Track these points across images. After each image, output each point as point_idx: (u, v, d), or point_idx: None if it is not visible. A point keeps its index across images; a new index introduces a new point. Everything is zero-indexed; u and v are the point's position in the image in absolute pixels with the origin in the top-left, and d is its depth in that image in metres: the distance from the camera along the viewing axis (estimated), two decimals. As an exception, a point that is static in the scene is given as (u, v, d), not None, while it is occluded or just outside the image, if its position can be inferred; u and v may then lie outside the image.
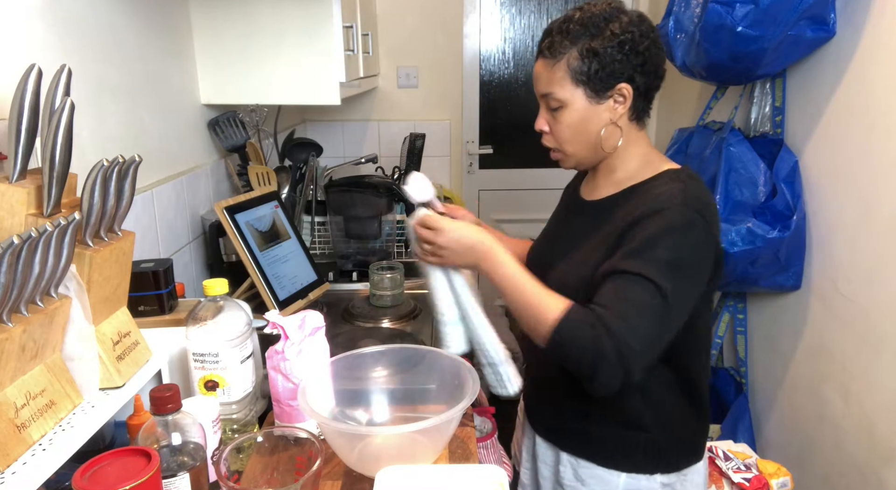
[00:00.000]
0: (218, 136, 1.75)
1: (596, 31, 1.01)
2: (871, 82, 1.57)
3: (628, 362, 0.93)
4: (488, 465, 0.84)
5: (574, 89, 1.03)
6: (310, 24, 1.65)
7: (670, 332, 0.98)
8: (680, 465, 1.12)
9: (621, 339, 0.92)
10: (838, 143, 1.69)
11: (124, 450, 0.70)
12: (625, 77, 1.02)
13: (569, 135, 1.08)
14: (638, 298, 0.95)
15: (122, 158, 0.78)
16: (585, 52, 1.01)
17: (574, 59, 1.02)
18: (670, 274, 0.95)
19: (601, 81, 1.02)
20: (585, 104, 1.04)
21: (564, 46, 1.02)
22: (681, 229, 0.97)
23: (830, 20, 1.66)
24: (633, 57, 1.01)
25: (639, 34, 1.01)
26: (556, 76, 1.04)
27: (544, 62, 1.06)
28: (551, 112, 1.08)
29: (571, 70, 1.02)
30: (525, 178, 3.16)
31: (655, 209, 0.99)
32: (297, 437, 0.85)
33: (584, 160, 1.11)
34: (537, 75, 1.08)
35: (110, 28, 1.25)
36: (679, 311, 0.98)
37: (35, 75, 0.74)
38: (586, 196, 1.18)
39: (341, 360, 1.02)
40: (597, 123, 1.05)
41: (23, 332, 0.68)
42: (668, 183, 1.04)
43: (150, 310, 1.09)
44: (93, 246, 0.79)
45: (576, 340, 0.95)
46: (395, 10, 2.87)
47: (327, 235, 1.99)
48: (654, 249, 0.96)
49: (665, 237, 0.96)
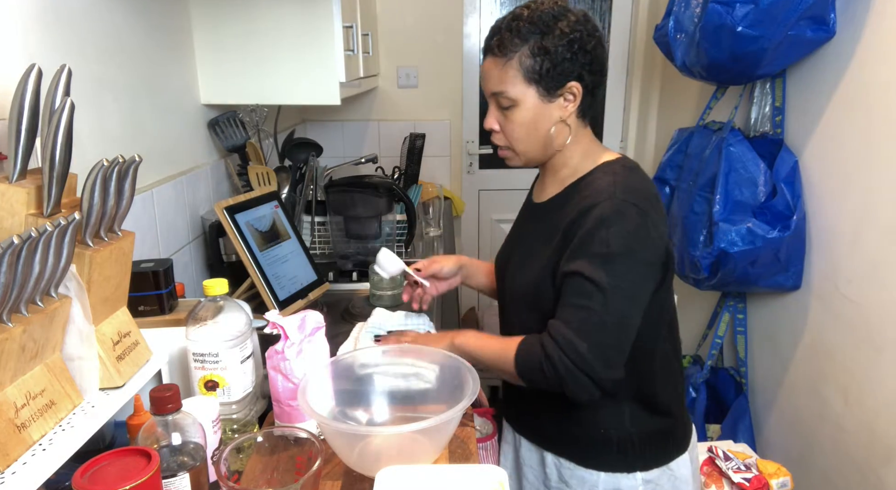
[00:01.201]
0: (218, 136, 1.75)
1: (546, 29, 1.01)
2: (871, 82, 1.57)
3: (585, 367, 0.94)
4: (488, 465, 0.84)
5: (526, 88, 1.03)
6: (310, 24, 1.65)
7: (622, 325, 0.98)
8: (660, 460, 1.12)
9: (568, 348, 0.95)
10: (838, 143, 1.69)
11: (124, 450, 0.70)
12: (574, 75, 1.02)
13: (520, 133, 1.08)
14: (577, 300, 0.97)
15: (122, 158, 0.78)
16: (537, 51, 1.00)
17: (525, 57, 1.01)
18: (605, 267, 0.96)
19: (552, 80, 1.02)
20: (537, 103, 1.04)
21: (515, 44, 1.01)
22: (611, 220, 0.97)
23: (830, 20, 1.66)
24: (581, 55, 1.01)
25: (586, 33, 1.02)
26: (508, 75, 1.03)
27: (494, 60, 1.04)
28: (502, 110, 1.07)
29: (524, 68, 1.02)
30: (525, 178, 3.15)
31: (589, 205, 1.00)
32: (297, 437, 0.85)
33: (533, 158, 1.12)
34: (486, 74, 1.07)
35: (110, 28, 1.25)
36: (624, 302, 0.97)
37: (35, 75, 0.74)
38: (536, 198, 1.19)
39: (341, 360, 1.02)
40: (547, 122, 1.06)
41: (23, 332, 0.68)
42: (601, 177, 1.05)
43: (150, 310, 1.09)
44: (93, 246, 0.79)
45: (532, 369, 0.99)
46: (395, 10, 2.87)
47: (327, 235, 1.99)
48: (588, 246, 0.97)
49: (597, 231, 0.97)
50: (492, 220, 3.25)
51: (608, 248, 0.96)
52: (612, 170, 1.06)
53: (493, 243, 3.26)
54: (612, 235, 0.97)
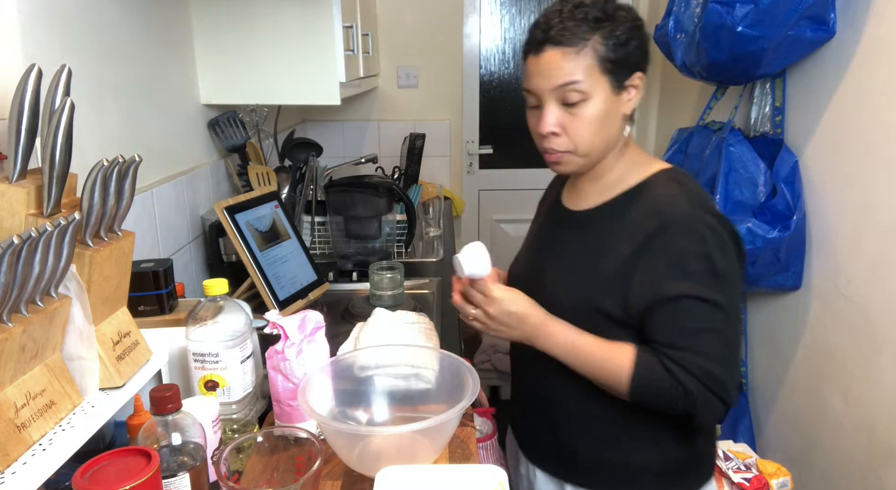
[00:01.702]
0: (218, 136, 1.75)
1: (613, 15, 0.94)
2: (871, 82, 1.57)
3: (720, 393, 0.90)
4: (488, 466, 0.84)
5: (600, 78, 0.94)
6: (310, 24, 1.65)
7: (739, 343, 0.96)
8: (692, 487, 1.08)
9: (703, 375, 0.90)
10: (838, 143, 1.69)
11: (124, 450, 0.70)
12: (640, 65, 0.97)
13: (590, 131, 0.97)
14: (700, 323, 0.92)
15: (122, 158, 0.78)
16: (610, 37, 0.93)
17: (600, 44, 0.93)
18: (717, 284, 0.91)
19: (624, 69, 0.95)
20: (609, 95, 0.96)
21: (585, 32, 0.93)
22: (704, 236, 0.92)
23: (830, 20, 1.66)
24: (644, 44, 0.97)
25: (639, 24, 0.97)
26: (582, 64, 0.93)
27: (561, 51, 0.93)
28: (566, 107, 0.96)
29: (598, 57, 0.93)
30: (525, 178, 3.16)
31: (668, 221, 0.94)
32: (297, 437, 0.85)
33: (595, 160, 1.02)
34: (550, 66, 0.94)
35: (110, 28, 1.25)
36: (737, 318, 0.94)
37: (35, 75, 0.74)
38: (571, 205, 1.10)
39: (341, 360, 1.02)
40: (616, 117, 0.98)
41: (23, 332, 0.68)
42: (665, 186, 0.99)
43: (150, 310, 1.09)
44: (93, 246, 0.79)
45: (658, 394, 0.92)
46: (395, 10, 2.87)
47: (327, 235, 1.99)
48: (688, 264, 0.92)
49: (693, 248, 0.92)
50: (492, 220, 3.25)
51: (712, 265, 0.91)
52: (676, 179, 1.00)
53: (493, 243, 3.26)
54: (712, 251, 0.92)
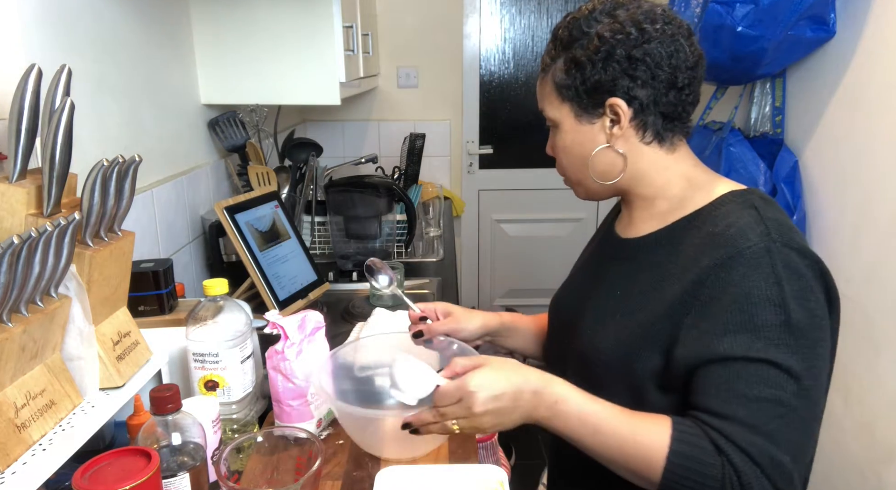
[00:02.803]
0: (218, 136, 1.75)
1: (580, 35, 0.84)
2: (871, 82, 1.57)
3: (781, 482, 0.70)
4: (488, 466, 0.84)
5: (560, 106, 0.87)
6: (310, 24, 1.65)
7: (818, 420, 0.76)
8: None
9: (766, 464, 0.69)
10: (838, 143, 1.69)
11: (124, 450, 0.70)
12: (617, 90, 0.82)
13: (567, 162, 0.91)
14: (763, 392, 0.71)
15: (122, 158, 0.78)
16: (570, 63, 0.85)
17: (559, 70, 0.86)
18: (788, 342, 0.71)
19: (588, 96, 0.84)
20: (575, 124, 0.87)
21: (553, 57, 0.87)
22: (779, 275, 0.73)
23: (830, 20, 1.66)
24: (626, 64, 0.81)
25: (637, 34, 0.80)
26: (544, 92, 0.90)
27: (541, 76, 0.91)
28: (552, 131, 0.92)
29: (556, 84, 0.87)
30: (525, 178, 3.16)
31: (732, 255, 0.75)
32: (297, 437, 0.85)
33: (593, 190, 0.92)
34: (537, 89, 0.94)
35: (110, 28, 1.25)
36: (818, 387, 0.74)
37: (35, 75, 0.74)
38: (623, 233, 0.94)
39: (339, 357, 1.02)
40: (586, 146, 0.87)
41: (23, 332, 0.68)
42: (735, 210, 0.80)
43: (150, 310, 1.09)
44: (93, 246, 0.79)
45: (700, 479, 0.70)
46: (395, 10, 2.87)
47: (327, 235, 1.99)
48: (755, 314, 0.72)
49: (762, 291, 0.72)
50: (492, 220, 3.25)
51: (786, 316, 0.72)
52: (749, 201, 0.81)
53: (493, 243, 3.27)
54: (788, 298, 0.72)
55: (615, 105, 0.83)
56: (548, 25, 3.01)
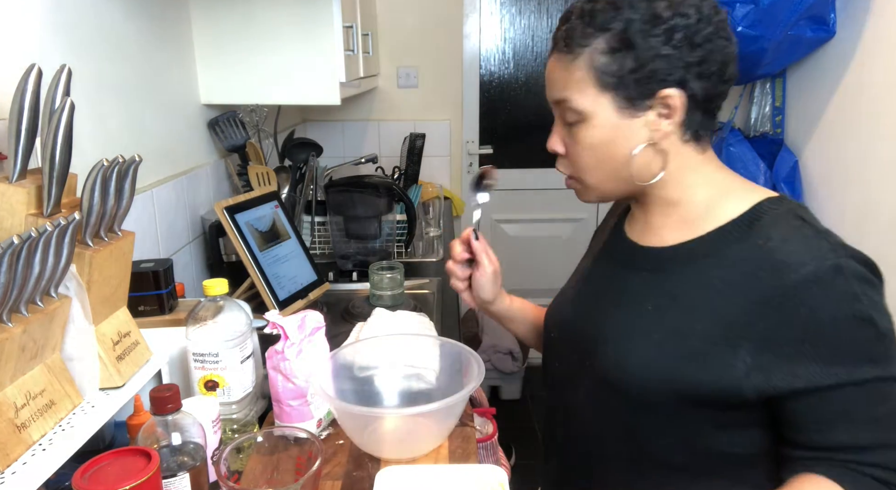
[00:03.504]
0: (218, 136, 1.75)
1: (632, 11, 0.71)
2: (871, 82, 1.57)
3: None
4: (488, 466, 0.84)
5: (598, 96, 0.74)
6: (310, 24, 1.65)
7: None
8: None
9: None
10: (838, 143, 1.69)
11: (124, 450, 0.70)
12: (673, 80, 0.72)
13: (589, 159, 0.79)
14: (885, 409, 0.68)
15: (122, 158, 0.78)
16: (616, 43, 0.72)
17: (600, 53, 0.73)
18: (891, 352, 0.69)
19: (638, 85, 0.73)
20: (614, 117, 0.75)
21: (587, 35, 0.73)
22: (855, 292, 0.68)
23: (830, 20, 1.67)
24: (687, 51, 0.71)
25: (697, 17, 0.71)
26: (574, 77, 0.75)
27: (558, 58, 0.77)
28: (567, 127, 0.79)
29: (595, 69, 0.73)
30: (525, 178, 3.16)
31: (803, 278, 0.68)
32: (297, 437, 0.85)
33: (609, 192, 0.82)
34: (549, 76, 0.79)
35: (110, 28, 1.25)
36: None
37: (35, 75, 0.74)
38: (640, 240, 0.85)
39: (340, 356, 1.02)
40: (627, 144, 0.76)
41: (23, 332, 0.68)
42: (782, 222, 0.74)
43: (150, 310, 1.09)
44: (93, 246, 0.79)
45: None
46: (395, 10, 2.87)
47: (327, 235, 1.99)
48: (847, 337, 0.68)
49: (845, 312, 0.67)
50: (492, 220, 3.25)
51: (875, 329, 0.68)
52: (792, 211, 0.75)
53: (493, 244, 3.26)
54: (869, 310, 0.68)
55: (669, 97, 0.73)
56: (548, 25, 3.01)
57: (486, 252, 0.99)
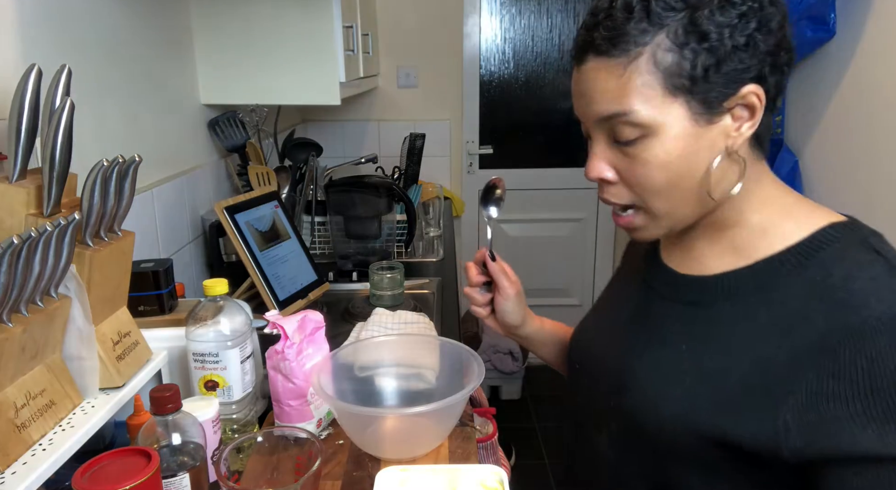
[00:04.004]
0: (218, 136, 1.75)
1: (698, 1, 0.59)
2: (871, 82, 1.57)
3: None
4: (488, 465, 0.84)
5: (667, 103, 0.62)
6: (310, 24, 1.65)
7: None
8: None
9: None
10: (838, 143, 1.69)
11: (124, 450, 0.70)
12: (753, 74, 0.61)
13: (661, 181, 0.65)
14: None
15: (122, 158, 0.78)
16: (685, 37, 0.60)
17: (664, 51, 0.60)
18: None
19: (717, 85, 0.61)
20: (689, 126, 0.63)
21: (644, 32, 0.61)
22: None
23: (830, 20, 1.66)
24: (762, 39, 0.61)
25: (768, 1, 0.62)
26: (633, 84, 0.62)
27: (603, 64, 0.63)
28: (620, 147, 0.66)
29: (662, 70, 0.61)
30: (525, 178, 3.16)
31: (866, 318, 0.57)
32: (297, 437, 0.85)
33: (682, 219, 0.69)
34: (588, 87, 0.65)
35: (110, 28, 1.25)
36: None
37: (35, 75, 0.74)
38: (679, 267, 0.74)
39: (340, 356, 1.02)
40: (706, 157, 0.64)
41: (23, 332, 0.68)
42: (850, 254, 0.63)
43: (150, 310, 1.09)
44: (93, 246, 0.79)
45: None
46: (395, 10, 2.87)
47: (327, 235, 1.99)
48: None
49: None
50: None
51: None
52: (863, 239, 0.64)
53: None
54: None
55: (752, 95, 0.62)
56: (548, 25, 3.01)
57: (505, 273, 0.91)
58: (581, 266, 3.33)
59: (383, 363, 1.05)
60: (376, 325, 1.33)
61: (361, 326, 1.35)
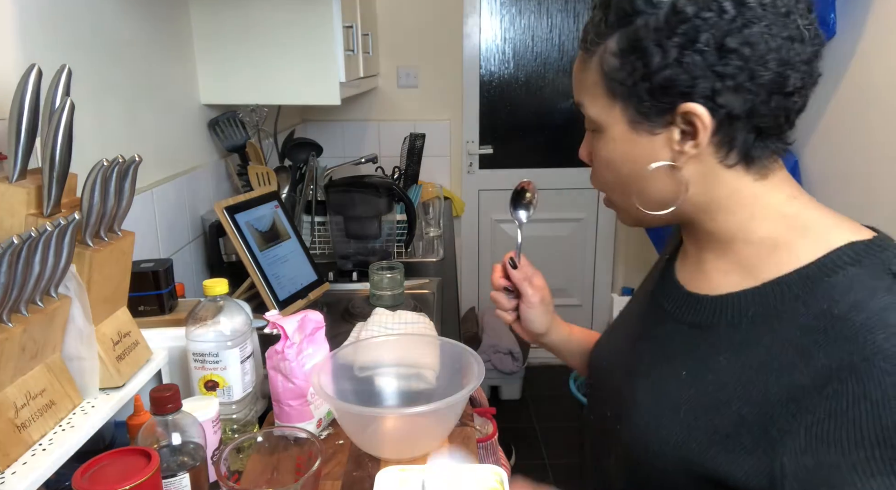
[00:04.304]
0: (218, 136, 1.75)
1: (647, 6, 0.58)
2: (871, 82, 1.57)
3: None
4: (488, 465, 0.84)
5: (610, 106, 0.63)
6: (310, 24, 1.65)
7: None
8: None
9: None
10: (838, 143, 1.69)
11: (124, 450, 0.70)
12: (697, 93, 0.58)
13: (608, 176, 0.68)
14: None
15: (122, 158, 0.78)
16: (627, 45, 0.59)
17: (610, 55, 0.61)
18: None
19: (652, 97, 0.60)
20: (628, 132, 0.63)
21: (600, 35, 0.62)
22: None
23: (830, 20, 1.66)
24: (710, 56, 0.56)
25: (735, 12, 0.56)
26: (588, 81, 0.65)
27: (580, 55, 0.66)
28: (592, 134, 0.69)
29: (606, 74, 0.62)
30: (525, 178, 3.16)
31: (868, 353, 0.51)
32: (297, 437, 0.85)
33: (638, 218, 0.69)
34: (573, 73, 0.69)
35: (110, 28, 1.25)
36: None
37: (35, 75, 0.74)
38: (688, 283, 0.70)
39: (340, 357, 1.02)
40: (642, 162, 0.64)
41: (23, 332, 0.68)
42: (863, 281, 0.56)
43: (150, 310, 1.09)
44: (93, 246, 0.79)
45: None
46: (395, 10, 2.87)
47: (327, 235, 1.99)
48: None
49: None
50: (492, 221, 3.25)
51: None
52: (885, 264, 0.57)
53: (493, 243, 3.26)
54: None
55: (691, 114, 0.59)
56: (548, 25, 3.01)
57: (529, 281, 0.88)
58: (581, 266, 3.33)
59: (383, 363, 1.05)
60: (376, 325, 1.33)
61: (361, 326, 1.35)
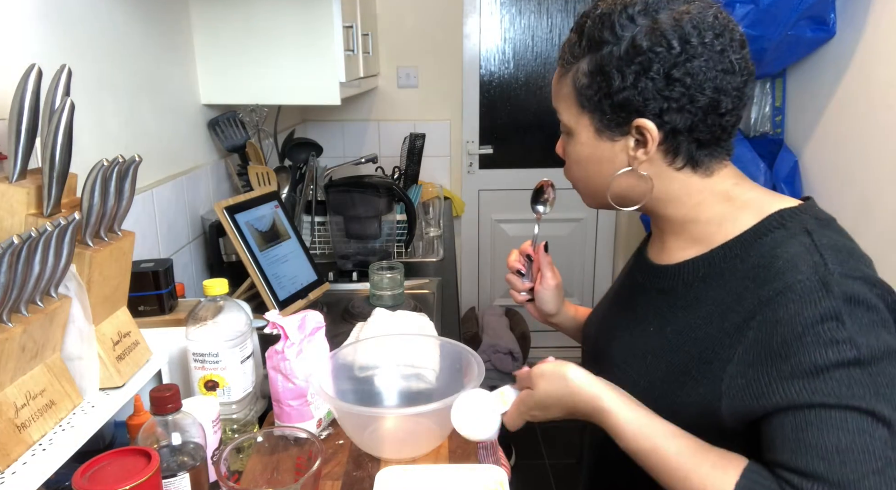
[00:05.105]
0: (218, 136, 1.75)
1: (611, 37, 0.71)
2: (871, 82, 1.57)
3: None
4: (488, 466, 0.84)
5: (579, 115, 0.76)
6: (310, 24, 1.65)
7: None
8: None
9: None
10: (838, 143, 1.69)
11: (124, 450, 0.70)
12: (647, 111, 0.71)
13: (577, 173, 0.82)
14: (843, 442, 0.59)
15: (122, 158, 0.78)
16: (594, 68, 0.73)
17: (581, 74, 0.74)
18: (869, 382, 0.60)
19: (613, 112, 0.73)
20: (592, 138, 0.76)
21: (574, 56, 0.75)
22: (838, 310, 0.62)
23: (830, 20, 1.67)
24: (659, 83, 0.69)
25: (681, 49, 0.69)
26: (563, 92, 0.78)
27: (557, 71, 0.79)
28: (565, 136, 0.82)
29: (577, 88, 0.75)
30: (525, 178, 3.16)
31: (781, 288, 0.65)
32: (297, 437, 0.85)
33: (602, 205, 0.83)
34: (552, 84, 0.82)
35: (110, 28, 1.25)
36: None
37: (35, 75, 0.74)
38: (656, 258, 0.84)
39: (340, 357, 1.02)
40: (609, 166, 0.77)
41: (23, 332, 0.68)
42: (784, 238, 0.70)
43: (150, 310, 1.09)
44: (93, 246, 0.79)
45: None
46: (395, 10, 2.87)
47: (327, 235, 1.99)
48: (814, 354, 0.61)
49: (821, 330, 0.62)
50: (492, 220, 3.25)
51: (856, 352, 0.61)
52: (801, 224, 0.71)
53: (493, 243, 3.27)
54: (853, 333, 0.61)
55: (643, 128, 0.72)
56: (548, 25, 3.01)
57: (550, 265, 1.01)
58: (581, 266, 3.33)
59: (383, 363, 1.05)
60: (376, 325, 1.33)
61: (361, 326, 1.35)
